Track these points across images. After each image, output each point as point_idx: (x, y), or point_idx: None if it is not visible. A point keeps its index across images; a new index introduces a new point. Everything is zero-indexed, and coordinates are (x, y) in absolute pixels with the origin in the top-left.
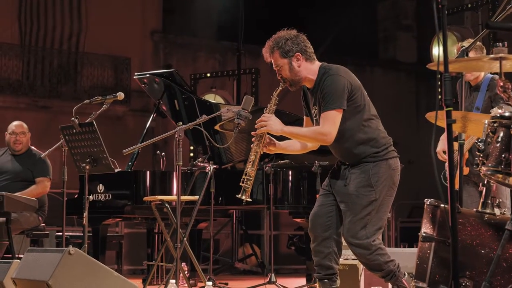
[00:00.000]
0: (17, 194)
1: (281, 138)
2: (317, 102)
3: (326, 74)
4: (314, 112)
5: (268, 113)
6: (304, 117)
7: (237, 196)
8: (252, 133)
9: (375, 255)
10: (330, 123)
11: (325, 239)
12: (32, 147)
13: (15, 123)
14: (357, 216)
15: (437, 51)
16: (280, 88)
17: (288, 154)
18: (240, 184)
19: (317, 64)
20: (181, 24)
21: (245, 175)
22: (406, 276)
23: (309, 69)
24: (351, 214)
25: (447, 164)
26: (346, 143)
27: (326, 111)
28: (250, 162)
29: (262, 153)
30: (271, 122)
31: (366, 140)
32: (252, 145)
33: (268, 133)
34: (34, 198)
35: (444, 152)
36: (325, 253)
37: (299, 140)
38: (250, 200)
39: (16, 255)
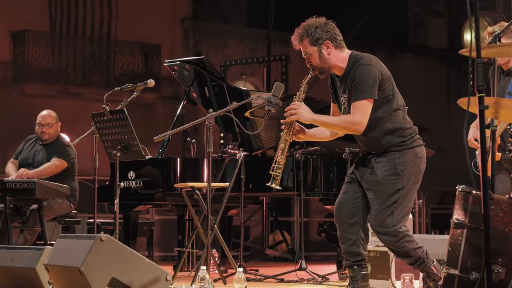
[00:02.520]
0: (33, 171)
1: (310, 125)
2: (346, 90)
3: (358, 63)
4: (342, 100)
5: (298, 101)
6: (331, 104)
7: (266, 184)
8: (282, 121)
9: (403, 242)
10: (361, 112)
11: (351, 226)
12: (63, 135)
13: (43, 113)
14: (384, 204)
15: (468, 36)
16: (309, 75)
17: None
18: (270, 172)
19: (347, 52)
20: (211, 11)
21: (275, 163)
22: (435, 263)
23: (338, 56)
24: (378, 202)
25: (478, 151)
26: (373, 133)
27: (357, 101)
28: (279, 150)
29: (291, 141)
30: (301, 111)
31: (393, 130)
32: (281, 133)
33: (297, 121)
34: (65, 185)
35: (476, 140)
36: (352, 239)
37: (328, 129)
38: (280, 188)
39: (48, 242)
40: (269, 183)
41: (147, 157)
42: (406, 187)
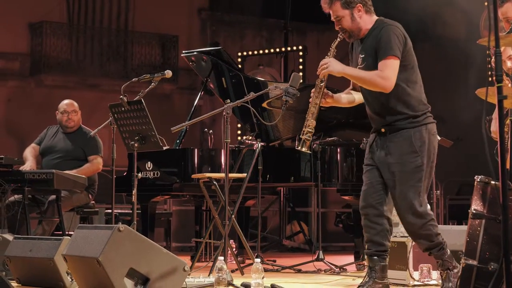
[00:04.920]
0: (71, 171)
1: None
2: (366, 49)
3: (384, 24)
4: (359, 60)
5: None
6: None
7: (297, 148)
8: (317, 79)
9: (429, 225)
10: (390, 69)
11: (376, 216)
12: (83, 126)
13: (66, 101)
14: (407, 185)
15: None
16: (338, 39)
17: (336, 131)
18: (300, 136)
19: (374, 17)
20: (228, 2)
21: (305, 127)
22: (449, 254)
23: (367, 21)
24: (400, 183)
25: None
26: (391, 98)
27: (385, 58)
28: (310, 113)
29: (320, 104)
30: (332, 63)
31: (408, 101)
32: (310, 99)
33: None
34: (83, 176)
35: None
36: (377, 229)
37: (358, 83)
38: (309, 152)
39: (67, 232)
40: (299, 147)
41: (164, 148)
42: (425, 164)
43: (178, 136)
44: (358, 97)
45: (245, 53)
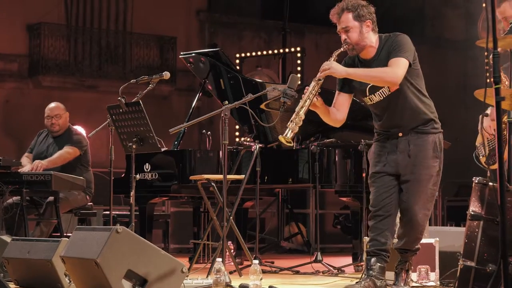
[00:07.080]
0: (45, 161)
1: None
2: (381, 64)
3: (394, 35)
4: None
5: None
6: (336, 92)
7: (280, 136)
8: (318, 75)
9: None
10: (400, 66)
11: (385, 218)
12: (74, 127)
13: (50, 106)
14: (426, 187)
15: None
16: (341, 49)
17: (334, 133)
18: (287, 125)
19: (378, 35)
20: (226, 3)
21: (296, 116)
22: None
23: (372, 39)
24: (420, 185)
25: (478, 144)
26: (413, 102)
27: (395, 57)
28: (300, 107)
29: (312, 101)
30: (334, 65)
31: (428, 105)
32: (305, 90)
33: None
34: (81, 177)
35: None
36: (382, 229)
37: (364, 80)
38: (291, 142)
39: (65, 234)
40: (284, 134)
41: (162, 149)
42: (441, 169)
43: (176, 137)
44: (339, 115)
45: (243, 55)
